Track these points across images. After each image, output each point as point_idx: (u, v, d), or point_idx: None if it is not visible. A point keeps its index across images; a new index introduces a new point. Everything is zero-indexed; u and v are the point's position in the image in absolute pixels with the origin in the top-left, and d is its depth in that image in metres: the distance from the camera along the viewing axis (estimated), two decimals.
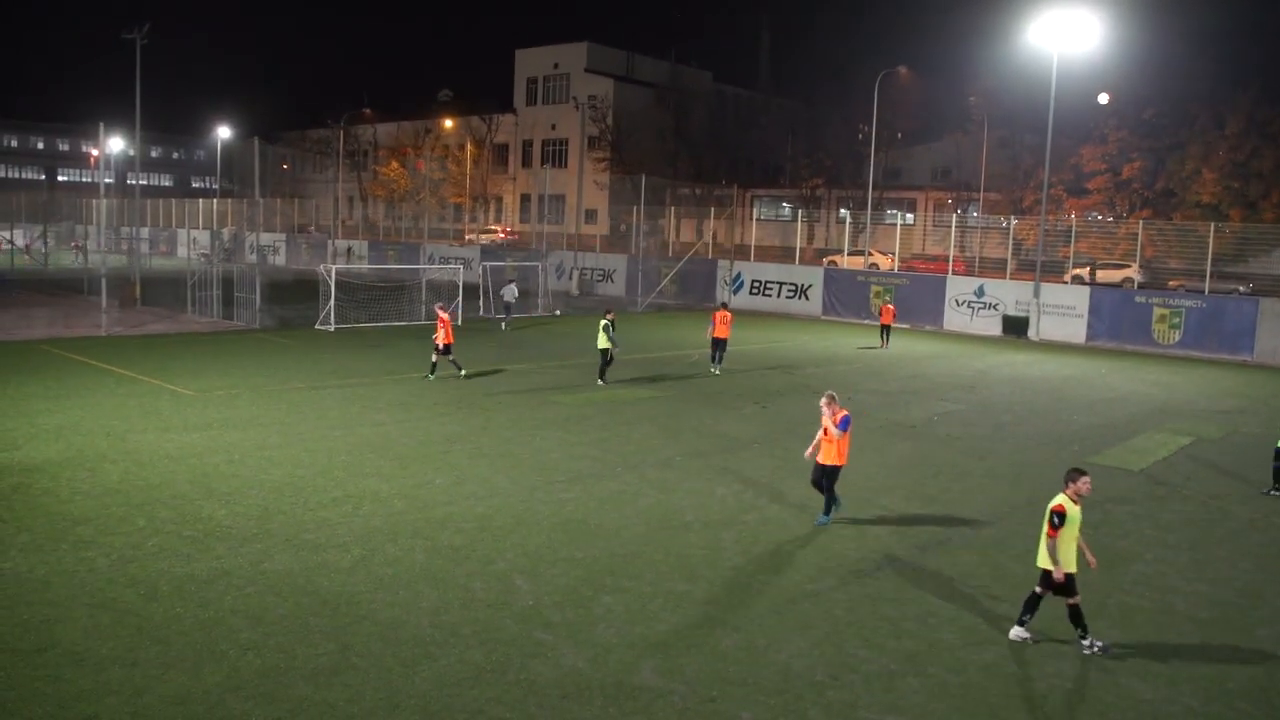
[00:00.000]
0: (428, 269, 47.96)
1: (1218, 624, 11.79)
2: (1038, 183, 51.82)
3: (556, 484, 16.69)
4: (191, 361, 28.36)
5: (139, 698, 9.05)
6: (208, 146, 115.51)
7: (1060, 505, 10.82)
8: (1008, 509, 16.37)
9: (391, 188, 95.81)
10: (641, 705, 9.29)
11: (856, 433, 21.76)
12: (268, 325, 37.57)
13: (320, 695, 9.21)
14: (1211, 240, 40.98)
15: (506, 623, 10.96)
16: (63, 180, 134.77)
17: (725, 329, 30.31)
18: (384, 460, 17.83)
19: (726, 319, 30.52)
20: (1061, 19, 41.54)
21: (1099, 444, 21.84)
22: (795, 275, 53.05)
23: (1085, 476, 11.03)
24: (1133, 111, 56.44)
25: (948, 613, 11.77)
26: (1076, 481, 10.95)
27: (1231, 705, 9.79)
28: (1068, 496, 10.90)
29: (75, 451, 17.64)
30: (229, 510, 14.57)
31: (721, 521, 14.98)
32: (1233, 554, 14.49)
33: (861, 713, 9.34)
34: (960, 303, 45.87)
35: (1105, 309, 41.94)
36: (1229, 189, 53.05)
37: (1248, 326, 38.18)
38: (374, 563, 12.62)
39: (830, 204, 78.95)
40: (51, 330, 34.32)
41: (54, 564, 12.18)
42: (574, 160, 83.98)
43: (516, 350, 33.51)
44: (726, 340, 30.56)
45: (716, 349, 30.38)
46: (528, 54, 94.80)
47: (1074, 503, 10.88)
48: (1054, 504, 10.87)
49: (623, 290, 57.49)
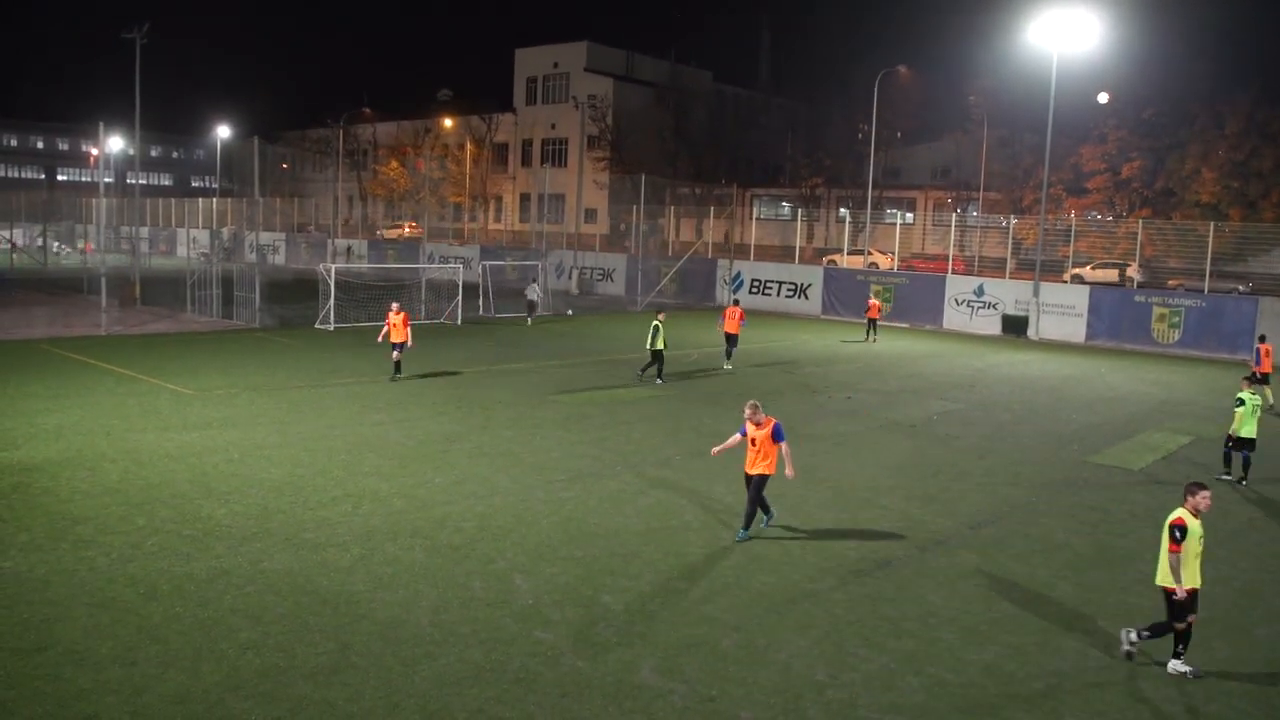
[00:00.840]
0: (427, 268, 47.93)
1: (1217, 623, 11.79)
2: (1037, 182, 51.82)
3: (556, 483, 16.69)
4: (191, 361, 28.36)
5: (138, 697, 9.05)
6: (207, 146, 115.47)
7: (1180, 519, 10.41)
8: (1007, 508, 16.37)
9: (391, 187, 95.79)
10: (641, 704, 9.29)
11: (855, 432, 21.85)
12: (267, 324, 37.56)
13: (320, 694, 9.21)
14: (1211, 240, 41.02)
15: (506, 622, 10.96)
16: (62, 180, 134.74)
17: (734, 325, 30.75)
18: (383, 459, 17.83)
19: (735, 315, 30.98)
20: (1061, 18, 41.58)
21: (1098, 443, 21.84)
22: (795, 274, 53.07)
23: (1205, 491, 10.63)
24: (1132, 111, 56.42)
25: (948, 612, 11.77)
26: (1195, 495, 10.55)
27: (1231, 704, 9.79)
28: (1187, 510, 10.48)
29: (75, 451, 17.64)
30: (228, 509, 14.57)
31: (721, 521, 14.99)
32: (1232, 554, 14.49)
33: (861, 712, 9.34)
34: (960, 302, 45.87)
35: (1105, 308, 41.96)
36: (1228, 188, 53.05)
37: (1247, 326, 38.17)
38: (373, 562, 12.61)
39: (830, 203, 78.94)
40: (51, 330, 34.31)
41: (53, 563, 12.18)
42: (574, 160, 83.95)
43: (515, 349, 33.50)
44: (737, 336, 30.99)
45: (729, 345, 30.91)
46: (527, 53, 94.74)
47: (1194, 516, 10.45)
48: (1173, 518, 10.46)
49: (622, 290, 57.52)
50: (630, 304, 52.80)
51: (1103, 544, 14.66)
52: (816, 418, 23.36)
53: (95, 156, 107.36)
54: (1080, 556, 14.04)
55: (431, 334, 37.02)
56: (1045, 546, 14.42)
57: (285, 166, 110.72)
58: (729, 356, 31.07)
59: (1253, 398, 18.49)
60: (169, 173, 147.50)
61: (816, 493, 16.78)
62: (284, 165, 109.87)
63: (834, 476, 17.90)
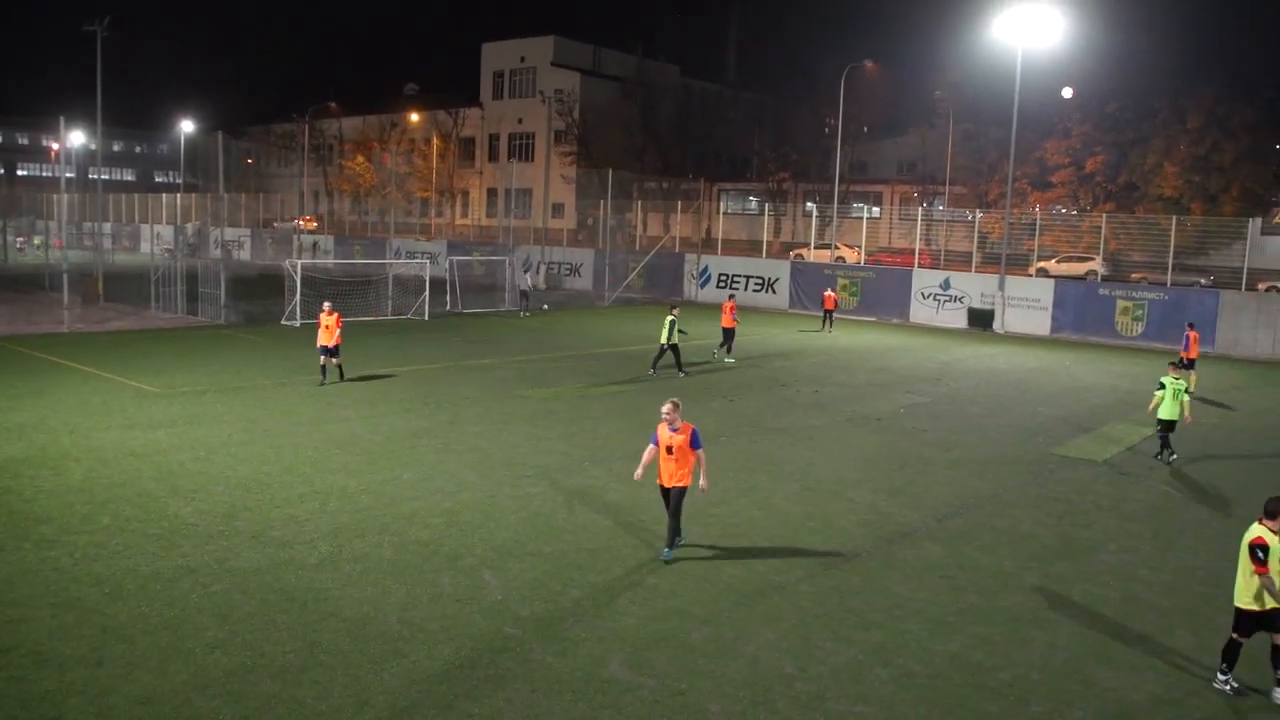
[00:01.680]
0: (394, 264, 47.71)
1: (1181, 612, 11.94)
2: (1002, 176, 52.14)
3: (524, 478, 16.67)
4: (156, 358, 28.11)
5: (104, 698, 8.97)
6: (171, 140, 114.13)
7: (1260, 538, 9.74)
8: (974, 500, 16.50)
9: (357, 182, 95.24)
10: (610, 699, 9.30)
11: (823, 425, 21.95)
12: (233, 321, 37.27)
13: (288, 693, 9.17)
14: (1173, 233, 41.52)
15: (475, 618, 10.94)
16: (22, 175, 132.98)
17: (728, 318, 31.74)
18: (351, 456, 17.75)
19: (729, 308, 32.00)
20: (1025, 13, 41.90)
21: (1064, 435, 22.05)
22: (762, 269, 53.22)
23: None
24: (1095, 105, 56.90)
25: (914, 604, 11.86)
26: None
27: (1195, 693, 9.92)
28: (1268, 529, 9.78)
29: (38, 450, 17.45)
30: (194, 507, 14.46)
31: (689, 515, 14.98)
32: (1195, 543, 14.67)
33: (830, 704, 9.39)
34: (926, 295, 46.15)
35: (1069, 302, 42.35)
36: (1190, 182, 53.60)
37: (1209, 318, 38.64)
38: (341, 559, 12.56)
39: (797, 197, 79.14)
40: (12, 327, 33.89)
41: (16, 563, 12.05)
42: (541, 154, 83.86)
43: (483, 345, 33.41)
44: (733, 330, 31.81)
45: (726, 339, 31.68)
46: (494, 47, 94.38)
47: (1275, 534, 9.74)
48: (1252, 537, 9.80)
49: (590, 284, 57.50)
50: (598, 299, 52.78)
51: (1068, 535, 14.81)
52: (784, 411, 23.45)
53: (56, 151, 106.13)
54: (1046, 548, 14.17)
55: (399, 330, 36.88)
56: (1011, 538, 14.54)
57: (250, 161, 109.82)
58: (729, 350, 31.77)
59: (1174, 382, 19.42)
60: (132, 168, 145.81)
61: (784, 486, 16.85)
62: (249, 160, 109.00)
63: (801, 470, 17.97)
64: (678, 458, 12.61)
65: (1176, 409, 19.35)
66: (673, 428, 12.58)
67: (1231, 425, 24.04)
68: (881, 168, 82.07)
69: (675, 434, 12.57)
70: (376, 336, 34.35)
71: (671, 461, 12.65)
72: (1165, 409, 19.37)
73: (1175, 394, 19.31)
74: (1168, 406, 19.34)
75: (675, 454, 12.59)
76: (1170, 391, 19.30)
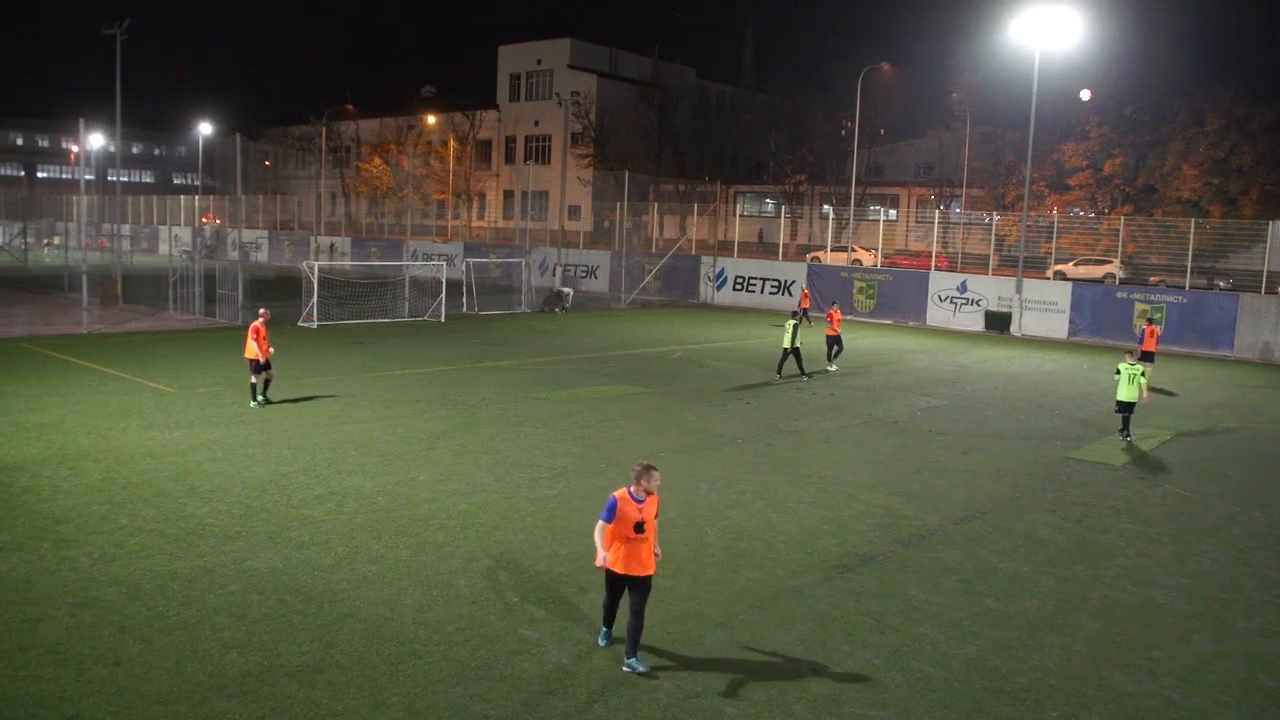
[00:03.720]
0: (410, 266, 47.82)
1: (1199, 617, 11.86)
2: (1020, 179, 52.07)
3: (540, 480, 16.68)
4: (173, 359, 28.24)
5: (121, 697, 9.01)
6: (189, 143, 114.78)
7: None
8: (990, 504, 16.44)
9: (374, 184, 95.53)
10: (626, 701, 9.30)
11: (839, 428, 21.91)
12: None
13: (304, 693, 9.19)
14: (1192, 236, 41.29)
15: (491, 620, 10.95)
16: (42, 177, 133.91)
17: (834, 327, 30.80)
18: (367, 457, 17.79)
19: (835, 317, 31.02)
20: (1043, 16, 41.72)
21: (1081, 439, 21.95)
22: (778, 271, 53.14)
23: None
24: (1114, 108, 56.75)
25: (931, 608, 11.81)
26: None
27: (1213, 698, 9.86)
28: None
29: (56, 450, 17.55)
30: (211, 508, 14.51)
31: (705, 517, 15.00)
32: (1214, 547, 14.58)
33: (846, 708, 9.37)
34: (943, 298, 46.01)
35: (1087, 304, 42.14)
36: (1209, 185, 53.40)
37: (1228, 322, 38.43)
38: (358, 560, 12.59)
39: (813, 200, 79.14)
40: (31, 328, 34.11)
41: (35, 563, 12.12)
42: (557, 156, 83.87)
43: (499, 347, 33.45)
44: (838, 337, 30.88)
45: (831, 346, 30.76)
46: (511, 50, 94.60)
47: None
48: None
49: (606, 286, 57.53)
50: (614, 301, 52.79)
51: (1085, 539, 14.74)
52: (800, 414, 23.41)
53: (76, 153, 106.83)
54: (1063, 551, 14.11)
55: (415, 331, 36.97)
56: (1028, 542, 14.48)
57: (268, 163, 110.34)
58: (833, 358, 30.92)
59: (1130, 368, 21.42)
60: (150, 170, 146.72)
61: (800, 489, 16.82)
62: (267, 162, 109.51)
63: (818, 472, 17.94)
64: (650, 535, 9.93)
65: (1134, 391, 21.32)
66: (639, 499, 9.81)
67: (1251, 430, 23.89)
68: (898, 170, 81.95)
69: (643, 505, 9.83)
70: (393, 338, 34.45)
71: (636, 542, 9.80)
72: (1123, 391, 21.42)
73: (1131, 378, 21.30)
74: (1124, 389, 21.38)
75: (647, 531, 9.87)
76: (1126, 376, 21.34)
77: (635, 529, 9.70)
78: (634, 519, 9.69)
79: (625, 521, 9.71)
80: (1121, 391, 21.45)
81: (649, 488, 9.78)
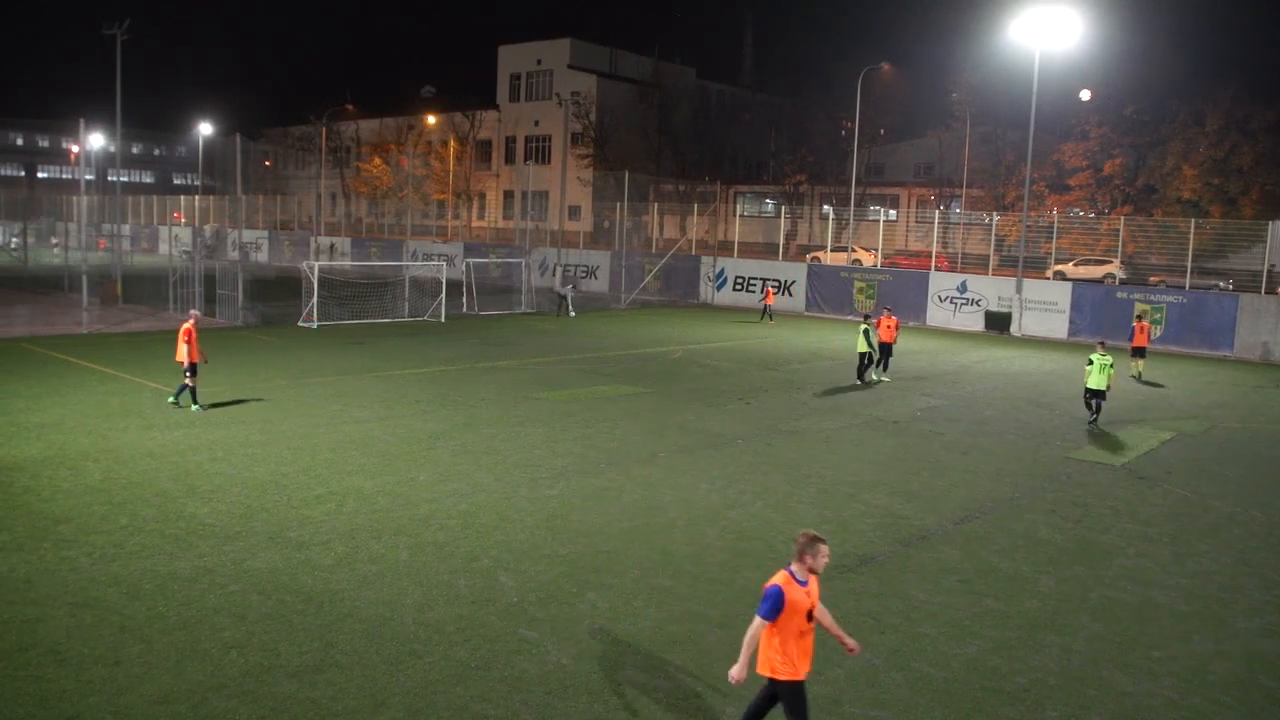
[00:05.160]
0: (411, 266, 47.83)
1: (1199, 617, 11.86)
2: (1020, 179, 52.07)
3: (540, 480, 16.68)
4: (173, 359, 28.16)
5: (121, 697, 9.02)
6: (189, 143, 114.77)
7: None
8: (990, 504, 16.44)
9: (374, 184, 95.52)
10: (626, 701, 9.29)
11: (839, 428, 21.92)
12: (250, 322, 37.43)
13: (304, 693, 9.19)
14: (1192, 236, 41.31)
15: (491, 620, 10.95)
16: (42, 177, 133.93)
17: (890, 333, 29.48)
18: (367, 457, 17.79)
19: (892, 324, 29.74)
20: (1043, 16, 41.73)
21: (1081, 439, 21.96)
22: (778, 271, 53.14)
23: None
24: (1114, 108, 56.75)
25: (931, 608, 11.81)
26: None
27: (1212, 698, 9.86)
28: None
29: (56, 450, 17.55)
30: (211, 508, 14.51)
31: (705, 518, 15.00)
32: (1214, 548, 14.58)
33: (846, 708, 9.37)
34: (943, 298, 46.01)
35: (1087, 305, 42.15)
36: (1209, 185, 53.40)
37: (1228, 322, 38.45)
38: (358, 560, 12.59)
39: (813, 200, 79.14)
40: (32, 328, 34.11)
41: (35, 563, 12.12)
42: (557, 156, 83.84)
43: (499, 347, 33.46)
44: (892, 345, 29.63)
45: (883, 355, 29.37)
46: (511, 50, 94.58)
47: None
48: None
49: (606, 287, 57.54)
50: (614, 301, 52.81)
51: (1085, 539, 14.74)
52: (800, 414, 23.41)
53: (76, 153, 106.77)
54: (1063, 552, 14.11)
55: (415, 331, 36.97)
56: (1028, 542, 14.48)
57: (268, 164, 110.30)
58: (885, 367, 29.45)
59: (1101, 358, 22.80)
60: (150, 170, 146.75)
61: (800, 489, 16.82)
62: (267, 162, 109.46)
63: (818, 472, 17.94)
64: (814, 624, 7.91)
65: (1104, 380, 22.77)
66: (802, 580, 7.79)
67: (1251, 430, 23.89)
68: (898, 170, 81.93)
69: (809, 588, 7.82)
70: (393, 338, 34.45)
71: (810, 634, 7.89)
72: (1093, 379, 22.87)
73: (1101, 368, 22.74)
74: (1094, 378, 22.84)
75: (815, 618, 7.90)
76: (1097, 365, 22.76)
77: (807, 618, 7.79)
78: (805, 606, 7.74)
79: (797, 612, 7.70)
80: (1091, 379, 22.88)
81: (815, 566, 7.81)
